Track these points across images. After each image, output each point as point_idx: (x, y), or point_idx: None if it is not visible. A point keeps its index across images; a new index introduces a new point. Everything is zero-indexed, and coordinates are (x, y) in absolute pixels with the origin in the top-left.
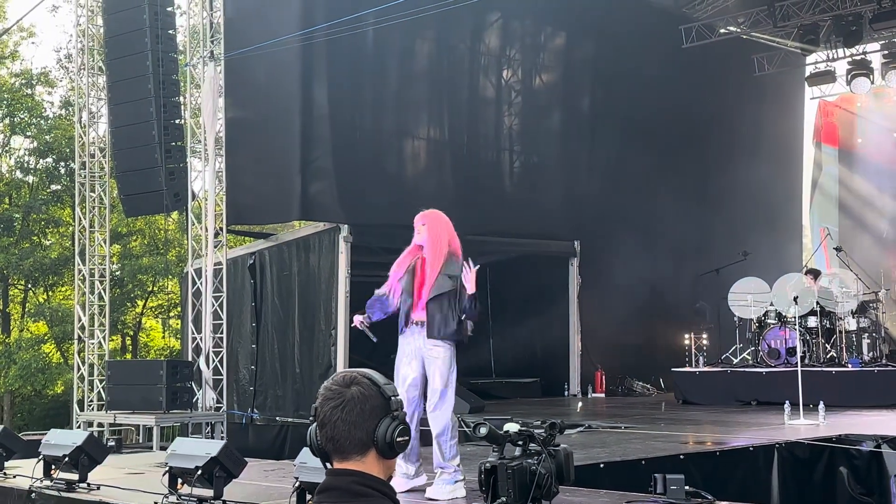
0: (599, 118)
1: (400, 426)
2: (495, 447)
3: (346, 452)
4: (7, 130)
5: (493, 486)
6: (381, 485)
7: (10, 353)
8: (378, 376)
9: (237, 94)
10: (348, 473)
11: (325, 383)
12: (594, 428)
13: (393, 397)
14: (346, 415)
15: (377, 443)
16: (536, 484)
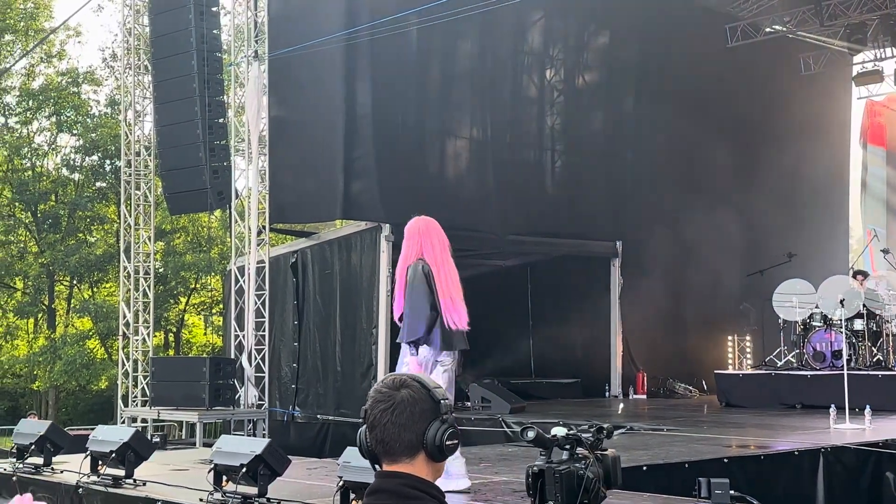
0: (643, 118)
1: (449, 430)
2: (542, 451)
3: (396, 455)
4: (54, 128)
5: (540, 490)
6: (430, 487)
7: (56, 349)
8: (427, 379)
9: (280, 93)
10: (397, 476)
11: (374, 385)
12: (636, 430)
13: (443, 401)
14: (395, 417)
15: (426, 446)
16: (584, 488)
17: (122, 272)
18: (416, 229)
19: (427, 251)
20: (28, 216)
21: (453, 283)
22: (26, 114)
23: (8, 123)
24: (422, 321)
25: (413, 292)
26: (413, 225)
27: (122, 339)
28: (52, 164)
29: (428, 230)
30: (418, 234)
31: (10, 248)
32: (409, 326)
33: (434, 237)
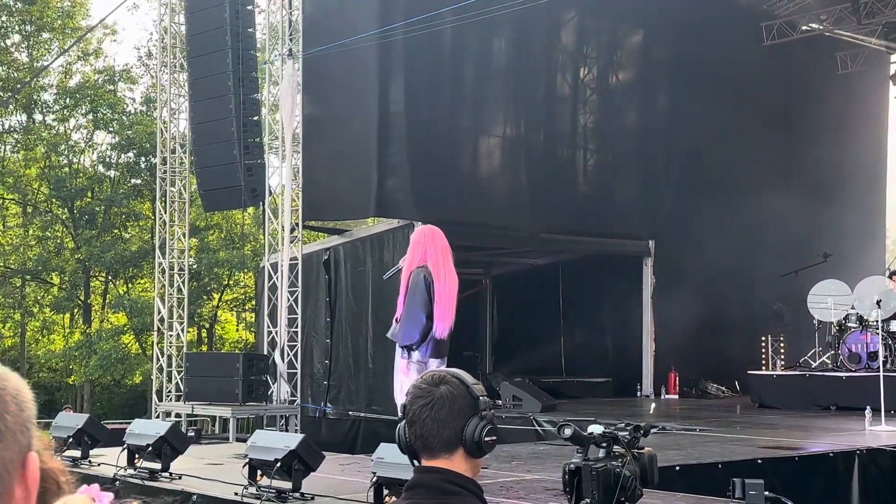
0: (677, 116)
1: (488, 426)
2: (579, 448)
3: (435, 450)
4: (90, 126)
5: (576, 488)
6: (469, 483)
7: (91, 344)
8: (467, 376)
9: (314, 91)
10: (436, 471)
11: (414, 381)
12: (668, 430)
13: (482, 397)
14: (434, 413)
15: (465, 441)
16: (621, 486)
17: (156, 268)
18: (422, 237)
19: (430, 258)
20: (65, 212)
21: (450, 293)
22: (63, 111)
23: (46, 121)
24: (416, 328)
25: (412, 299)
26: (419, 232)
27: (157, 334)
28: (89, 161)
29: (433, 238)
30: (423, 241)
31: (48, 244)
32: (405, 331)
33: (438, 245)
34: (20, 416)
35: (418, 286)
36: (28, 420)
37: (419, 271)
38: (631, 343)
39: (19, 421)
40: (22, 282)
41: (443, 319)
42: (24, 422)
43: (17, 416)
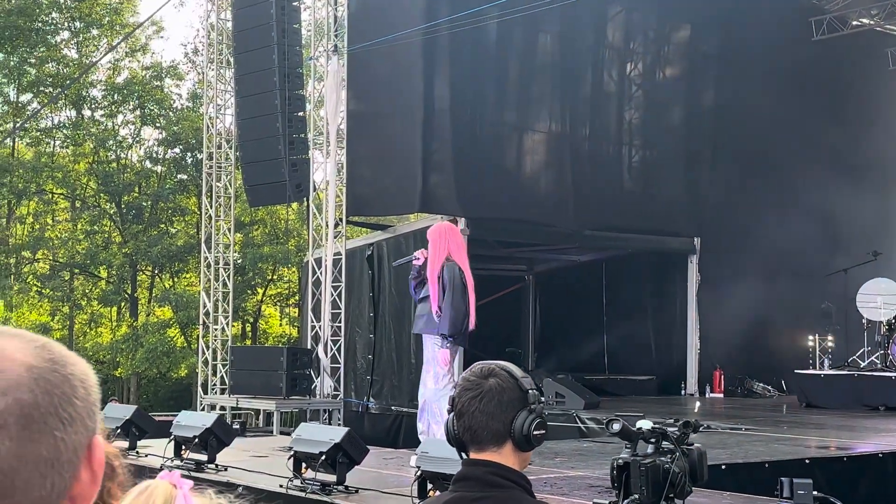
0: (724, 113)
1: (537, 419)
2: (627, 444)
3: (483, 443)
4: (138, 122)
5: (625, 483)
6: (517, 476)
7: (138, 337)
8: (516, 369)
9: (358, 87)
10: (484, 464)
11: (463, 374)
12: (713, 428)
13: (531, 390)
14: (483, 406)
15: (514, 435)
16: (670, 482)
17: (202, 263)
18: (443, 231)
19: (454, 252)
20: (113, 207)
21: (472, 285)
22: (111, 107)
23: (94, 116)
24: (460, 318)
25: (454, 292)
26: (438, 228)
27: (202, 328)
28: (136, 157)
29: (454, 233)
30: (445, 236)
31: (96, 238)
32: (452, 322)
33: (458, 240)
34: (88, 401)
35: (456, 280)
36: (94, 404)
37: (451, 265)
38: (675, 341)
39: (87, 405)
40: (70, 275)
41: (473, 310)
42: (92, 406)
43: (86, 401)
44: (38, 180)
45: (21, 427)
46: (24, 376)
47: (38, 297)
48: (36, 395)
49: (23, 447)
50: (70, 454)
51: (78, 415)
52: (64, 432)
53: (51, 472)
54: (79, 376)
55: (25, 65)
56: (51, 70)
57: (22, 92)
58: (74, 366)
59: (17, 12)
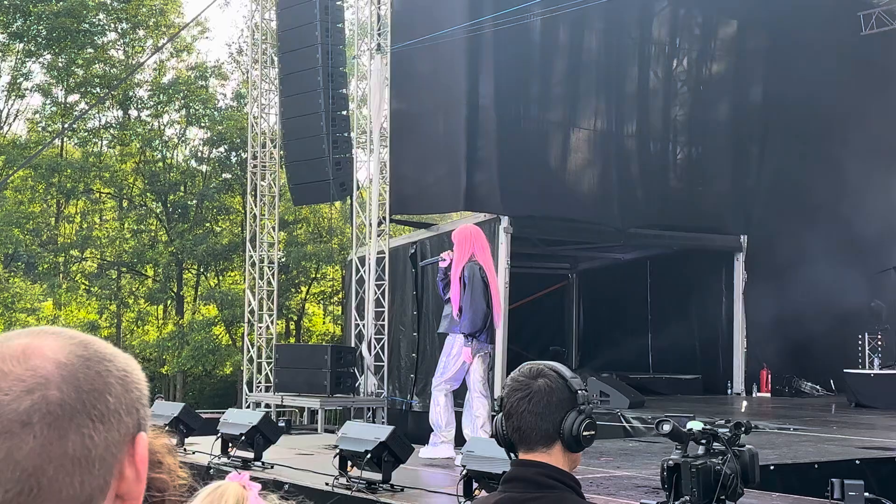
0: (771, 109)
1: (586, 420)
2: (678, 445)
3: (532, 443)
4: (183, 121)
5: (675, 484)
6: (567, 477)
7: (184, 335)
8: (565, 369)
9: (401, 85)
10: (534, 465)
11: (511, 374)
12: (761, 428)
13: (580, 391)
14: (532, 406)
15: (563, 435)
16: (721, 484)
17: (247, 261)
18: (468, 234)
19: (478, 254)
20: (159, 206)
21: (497, 284)
22: (157, 107)
23: (140, 116)
24: (480, 317)
25: (474, 291)
26: (463, 231)
27: (247, 326)
28: (182, 156)
29: (478, 235)
30: (471, 238)
31: (142, 237)
32: (472, 321)
33: (483, 242)
34: (127, 398)
35: (475, 279)
36: (137, 401)
37: (472, 265)
38: (721, 339)
39: (125, 402)
40: (118, 274)
41: (497, 308)
42: (132, 403)
43: (123, 397)
44: (86, 180)
45: (47, 425)
46: (52, 373)
47: (86, 295)
48: (63, 392)
49: (48, 445)
50: (102, 451)
51: (112, 411)
52: (93, 430)
53: (79, 470)
54: (116, 373)
55: (73, 66)
56: (98, 71)
57: (70, 93)
58: (112, 362)
59: (64, 14)
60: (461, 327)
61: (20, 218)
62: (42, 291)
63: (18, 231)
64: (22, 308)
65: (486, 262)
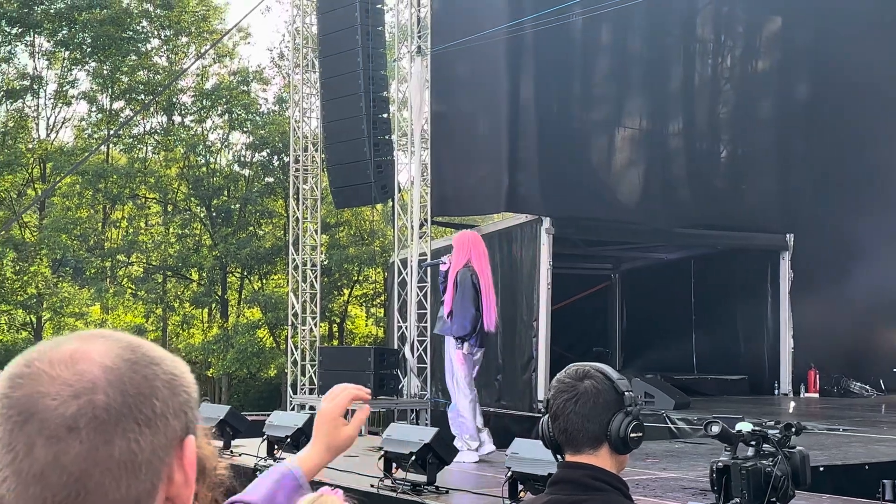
0: (817, 106)
1: (634, 422)
2: (727, 447)
3: (579, 445)
4: (226, 126)
5: (725, 487)
6: (614, 479)
7: (228, 338)
8: (611, 370)
9: (442, 87)
10: (581, 467)
11: (557, 375)
12: (810, 429)
13: (627, 392)
14: (579, 408)
15: (610, 437)
16: (772, 486)
17: (290, 264)
18: (466, 240)
19: (474, 260)
20: (203, 210)
21: (491, 290)
22: (200, 112)
23: (184, 122)
24: (468, 320)
25: (463, 295)
26: (462, 236)
27: (291, 328)
28: (225, 161)
29: (476, 242)
30: (468, 244)
31: (187, 241)
32: (460, 324)
33: (480, 248)
34: (174, 401)
35: (466, 283)
36: (185, 404)
37: (465, 271)
38: (767, 340)
39: (173, 405)
40: (163, 278)
41: (488, 313)
42: (179, 406)
43: (171, 401)
44: (132, 185)
45: (92, 430)
46: (99, 378)
47: (132, 299)
48: (110, 396)
49: (94, 450)
50: (148, 455)
51: (159, 415)
52: (140, 434)
53: (125, 474)
54: (163, 376)
55: (118, 73)
56: (142, 78)
57: (115, 100)
58: (159, 366)
59: (108, 22)
60: (452, 330)
61: (68, 224)
62: (90, 296)
63: (66, 237)
64: (70, 312)
65: (482, 268)
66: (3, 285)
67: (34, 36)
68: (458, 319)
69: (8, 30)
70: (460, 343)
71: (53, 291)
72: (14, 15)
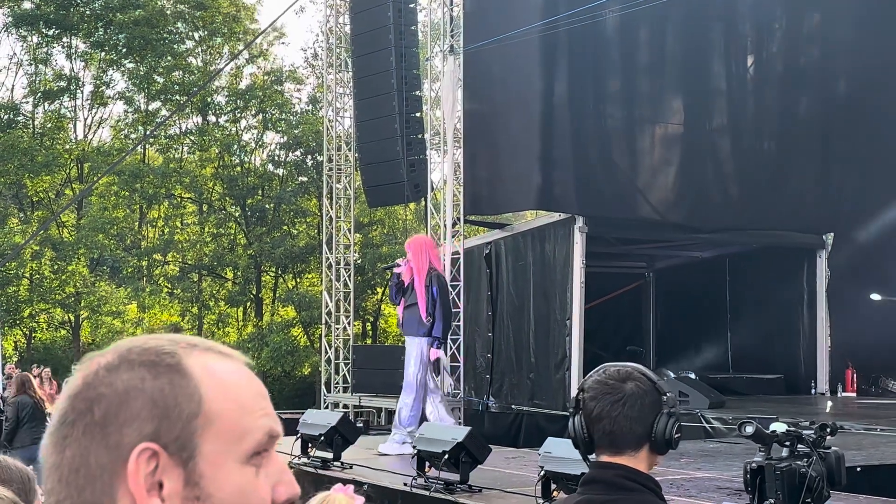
0: (858, 104)
1: (677, 423)
2: (761, 447)
3: (622, 447)
4: (260, 126)
5: (759, 487)
6: (647, 479)
7: (263, 336)
8: (650, 372)
9: (474, 86)
10: (614, 467)
11: (593, 377)
12: (847, 429)
13: (668, 393)
14: (627, 410)
15: (655, 438)
16: (807, 487)
17: (323, 263)
18: (422, 244)
19: (435, 263)
20: (237, 210)
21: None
22: (235, 112)
23: (219, 122)
24: (449, 323)
25: (445, 298)
26: (418, 241)
27: (325, 327)
28: (259, 161)
29: (432, 246)
30: (426, 248)
31: (222, 241)
32: (444, 326)
33: (436, 252)
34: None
35: (444, 288)
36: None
37: (439, 275)
38: (803, 339)
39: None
40: (199, 277)
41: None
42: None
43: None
44: (168, 185)
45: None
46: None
47: (168, 298)
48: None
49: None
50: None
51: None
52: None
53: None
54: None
55: (153, 74)
56: (177, 78)
57: (151, 100)
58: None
59: (143, 23)
60: (435, 331)
61: (105, 223)
62: (126, 295)
63: (103, 236)
64: (107, 311)
65: (442, 272)
66: (41, 284)
67: (70, 38)
68: (444, 322)
69: (45, 31)
70: (437, 344)
71: (91, 290)
72: (51, 17)
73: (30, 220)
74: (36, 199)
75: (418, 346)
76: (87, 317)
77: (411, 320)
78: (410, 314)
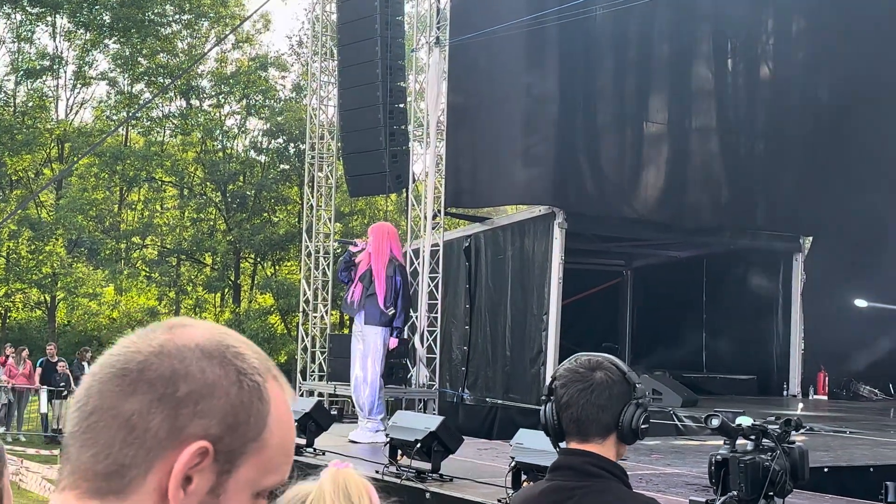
0: (842, 109)
1: (644, 413)
2: (726, 440)
3: (589, 435)
4: (243, 112)
5: (723, 479)
6: (614, 467)
7: (240, 323)
8: (621, 363)
9: (459, 79)
10: (582, 454)
11: (565, 365)
12: (816, 430)
13: (638, 384)
14: (594, 398)
15: (622, 427)
16: (770, 480)
17: (303, 251)
18: (385, 232)
19: (396, 253)
20: (218, 195)
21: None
22: (218, 98)
23: (202, 107)
24: (409, 314)
25: (406, 288)
26: (381, 228)
27: (302, 315)
28: (241, 147)
29: (393, 234)
30: (387, 236)
31: (202, 226)
32: (405, 315)
33: (398, 240)
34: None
35: (405, 276)
36: None
37: (400, 266)
38: (777, 341)
39: None
40: (177, 261)
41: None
42: None
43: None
44: (149, 168)
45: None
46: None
47: (146, 281)
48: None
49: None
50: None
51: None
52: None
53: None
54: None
55: (138, 55)
56: (161, 61)
57: (134, 82)
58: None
59: (129, 4)
60: (397, 321)
61: (84, 204)
62: (104, 277)
63: (82, 217)
64: (84, 293)
65: (402, 261)
66: (18, 264)
67: (55, 16)
68: (405, 311)
69: (29, 10)
70: (395, 333)
71: (68, 271)
72: None
73: (8, 198)
74: (15, 177)
75: (379, 335)
76: (64, 298)
77: (371, 308)
78: (370, 303)
